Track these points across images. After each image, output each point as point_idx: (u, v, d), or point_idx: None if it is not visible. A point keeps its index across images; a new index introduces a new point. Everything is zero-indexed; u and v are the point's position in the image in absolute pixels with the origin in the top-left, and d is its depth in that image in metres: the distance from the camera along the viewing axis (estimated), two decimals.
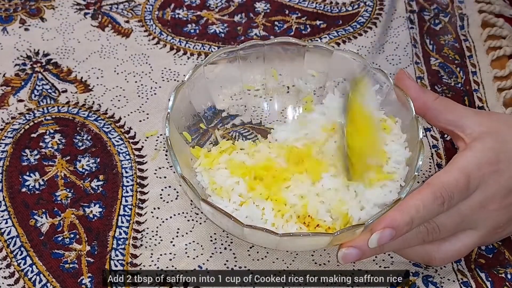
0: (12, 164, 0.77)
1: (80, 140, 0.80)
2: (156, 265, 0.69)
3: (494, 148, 0.65)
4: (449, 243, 0.66)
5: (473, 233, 0.66)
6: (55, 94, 0.84)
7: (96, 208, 0.74)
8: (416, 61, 0.90)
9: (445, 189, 0.63)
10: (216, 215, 0.65)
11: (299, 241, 0.65)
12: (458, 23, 0.95)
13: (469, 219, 0.65)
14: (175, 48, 0.90)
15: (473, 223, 0.66)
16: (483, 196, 0.65)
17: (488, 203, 0.65)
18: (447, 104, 0.69)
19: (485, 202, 0.65)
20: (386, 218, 0.62)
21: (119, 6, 0.95)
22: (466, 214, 0.65)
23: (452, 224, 0.65)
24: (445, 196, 0.63)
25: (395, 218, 0.62)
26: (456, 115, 0.68)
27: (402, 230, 0.62)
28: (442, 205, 0.63)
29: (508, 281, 0.69)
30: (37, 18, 0.93)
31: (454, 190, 0.63)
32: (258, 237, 0.65)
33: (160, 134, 0.80)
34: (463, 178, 0.64)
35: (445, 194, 0.63)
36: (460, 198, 0.64)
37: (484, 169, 0.64)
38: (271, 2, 0.97)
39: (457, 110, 0.69)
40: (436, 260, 0.67)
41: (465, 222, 0.65)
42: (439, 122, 0.69)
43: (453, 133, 0.69)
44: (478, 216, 0.65)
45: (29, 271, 0.69)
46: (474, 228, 0.66)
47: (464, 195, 0.64)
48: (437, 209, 0.63)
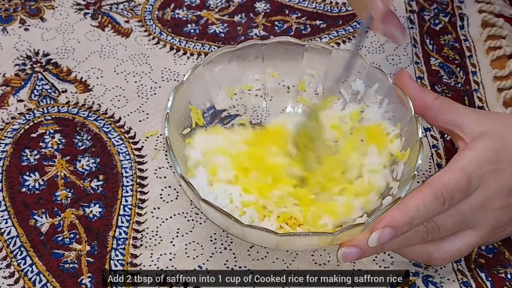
0: (12, 164, 0.77)
1: (80, 140, 0.80)
2: (156, 265, 0.69)
3: (494, 148, 0.65)
4: (449, 242, 0.66)
5: (474, 232, 0.66)
6: (55, 94, 0.84)
7: (96, 208, 0.74)
8: (416, 61, 0.90)
9: (446, 189, 0.63)
10: (215, 215, 0.65)
11: (299, 241, 0.65)
12: (458, 23, 0.95)
13: (470, 218, 0.65)
14: (175, 48, 0.90)
15: (473, 222, 0.66)
16: (484, 196, 0.65)
17: (488, 202, 0.65)
18: (446, 103, 0.69)
19: (486, 201, 0.65)
20: (386, 217, 0.62)
21: (119, 6, 0.95)
22: (467, 214, 0.65)
23: (452, 223, 0.65)
24: (445, 196, 0.63)
25: (395, 218, 0.62)
26: (456, 114, 0.68)
27: (402, 229, 0.62)
28: (443, 205, 0.63)
29: (508, 281, 0.69)
30: (37, 18, 0.93)
31: (454, 190, 0.63)
32: (258, 236, 0.65)
33: (160, 134, 0.80)
34: (463, 178, 0.64)
35: (445, 194, 0.63)
36: (461, 198, 0.64)
37: (485, 169, 0.64)
38: (271, 2, 0.97)
39: (456, 110, 0.69)
40: (436, 260, 0.67)
41: (466, 221, 0.65)
42: (438, 121, 0.69)
43: (453, 132, 0.69)
44: (478, 216, 0.65)
45: (29, 271, 0.69)
46: (474, 228, 0.66)
47: (465, 194, 0.64)
48: (438, 209, 0.63)
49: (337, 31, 0.93)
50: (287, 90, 0.81)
